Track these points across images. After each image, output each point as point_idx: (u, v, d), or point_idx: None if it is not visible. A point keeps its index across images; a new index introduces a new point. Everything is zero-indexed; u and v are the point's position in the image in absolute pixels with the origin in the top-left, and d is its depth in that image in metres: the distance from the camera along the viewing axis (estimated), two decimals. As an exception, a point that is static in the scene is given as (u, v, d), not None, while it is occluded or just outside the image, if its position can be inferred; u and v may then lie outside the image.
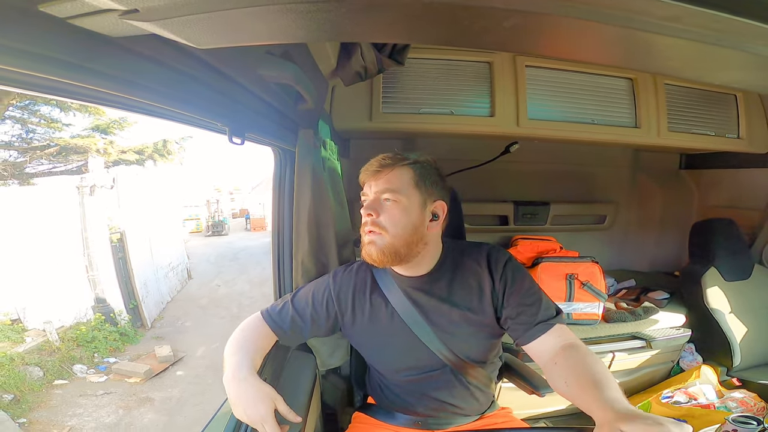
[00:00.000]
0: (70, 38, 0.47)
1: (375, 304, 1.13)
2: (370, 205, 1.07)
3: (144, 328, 6.28)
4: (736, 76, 0.69)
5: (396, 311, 1.10)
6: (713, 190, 2.54)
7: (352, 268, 1.19)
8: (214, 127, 0.88)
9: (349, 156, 2.23)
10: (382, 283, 1.13)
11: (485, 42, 0.61)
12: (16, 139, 6.18)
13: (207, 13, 0.45)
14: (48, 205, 5.53)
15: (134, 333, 6.04)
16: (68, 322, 5.44)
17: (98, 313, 5.80)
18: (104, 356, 5.27)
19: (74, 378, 4.60)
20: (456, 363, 1.11)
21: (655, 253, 2.77)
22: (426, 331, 1.09)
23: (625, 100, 1.94)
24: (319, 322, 1.14)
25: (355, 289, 1.14)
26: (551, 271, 1.96)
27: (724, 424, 1.60)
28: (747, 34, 0.45)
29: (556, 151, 2.41)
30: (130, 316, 6.19)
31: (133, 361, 5.22)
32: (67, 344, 5.14)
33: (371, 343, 1.18)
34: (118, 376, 4.86)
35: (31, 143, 6.28)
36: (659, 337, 2.01)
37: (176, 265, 9.29)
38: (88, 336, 5.40)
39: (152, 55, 0.60)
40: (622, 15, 0.44)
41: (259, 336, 1.07)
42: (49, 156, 6.46)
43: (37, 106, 6.15)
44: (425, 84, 1.78)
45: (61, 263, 5.55)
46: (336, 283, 1.16)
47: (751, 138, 2.06)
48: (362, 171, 1.12)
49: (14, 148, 5.99)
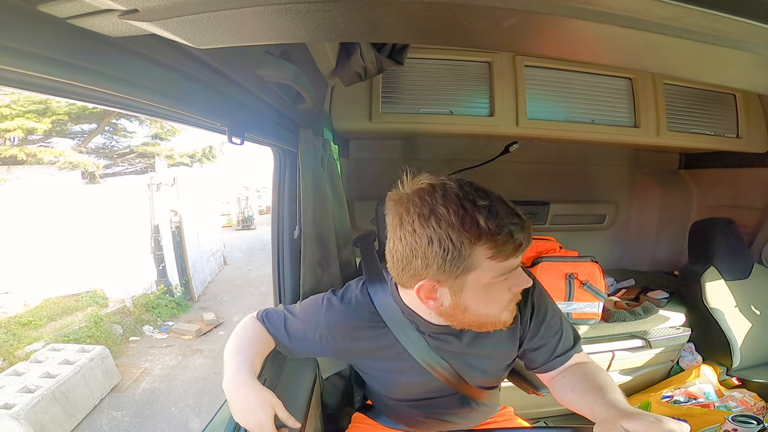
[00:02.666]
0: (69, 38, 0.47)
1: (381, 344, 1.00)
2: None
3: (192, 300, 7.96)
4: (735, 75, 0.69)
5: (407, 351, 0.98)
6: (712, 189, 2.55)
7: (350, 302, 1.03)
8: (213, 127, 0.88)
9: (348, 156, 2.23)
10: (391, 323, 0.98)
11: (485, 42, 0.61)
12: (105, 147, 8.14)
13: (206, 13, 0.45)
14: (126, 198, 7.08)
15: (185, 304, 7.69)
16: (139, 292, 7.03)
17: (161, 286, 7.45)
18: (165, 320, 6.90)
19: (144, 335, 6.30)
20: (468, 390, 1.07)
21: (655, 252, 2.78)
22: (445, 369, 1.00)
23: (625, 99, 1.94)
24: (314, 350, 1.08)
25: (355, 327, 1.01)
26: (551, 271, 1.96)
27: (724, 424, 1.61)
28: (746, 33, 0.45)
29: (556, 151, 2.42)
30: (182, 290, 7.87)
31: (186, 323, 6.95)
32: (139, 309, 6.75)
33: (374, 373, 1.11)
34: (176, 334, 6.56)
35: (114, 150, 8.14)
36: (659, 336, 2.01)
37: (215, 252, 10.95)
38: (154, 303, 7.05)
39: (151, 55, 0.60)
40: (621, 15, 0.44)
41: (258, 339, 1.01)
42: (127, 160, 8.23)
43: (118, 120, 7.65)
44: (425, 84, 1.78)
45: (135, 244, 7.08)
46: (331, 320, 1.01)
47: (750, 138, 2.07)
48: (517, 246, 0.77)
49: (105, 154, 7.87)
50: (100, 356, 4.73)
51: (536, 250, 2.17)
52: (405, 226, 0.78)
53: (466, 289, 0.80)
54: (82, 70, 0.50)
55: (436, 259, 0.75)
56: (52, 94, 0.52)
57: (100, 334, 5.65)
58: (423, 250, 0.76)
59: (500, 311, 0.85)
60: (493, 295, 0.82)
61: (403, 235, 0.78)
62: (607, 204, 2.64)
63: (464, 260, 0.75)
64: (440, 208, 0.74)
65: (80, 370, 4.31)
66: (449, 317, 0.88)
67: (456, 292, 0.81)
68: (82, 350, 4.70)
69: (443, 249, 0.74)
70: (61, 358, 4.40)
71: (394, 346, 0.99)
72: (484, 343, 0.99)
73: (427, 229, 0.74)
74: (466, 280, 0.78)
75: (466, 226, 0.73)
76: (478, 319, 0.85)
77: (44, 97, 2.84)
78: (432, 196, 0.76)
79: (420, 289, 0.81)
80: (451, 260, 0.75)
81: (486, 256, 0.75)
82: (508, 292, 0.83)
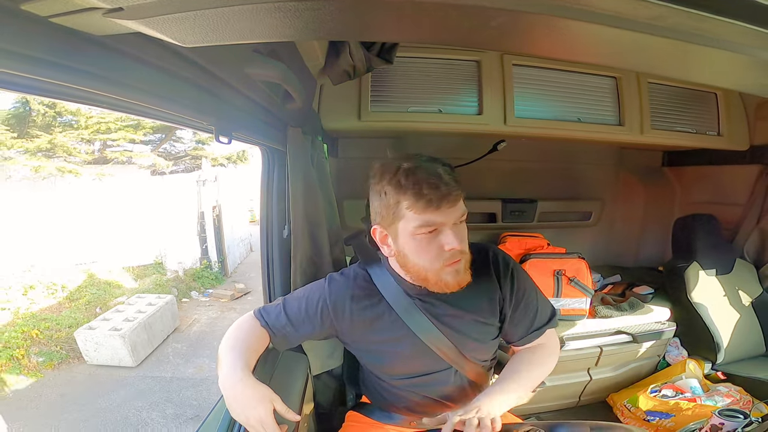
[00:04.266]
0: (53, 37, 0.46)
1: (377, 313, 1.09)
2: (459, 236, 0.96)
3: (226, 275, 9.83)
4: (718, 75, 0.70)
5: (401, 319, 1.07)
6: (695, 186, 2.59)
7: (348, 275, 1.15)
8: (200, 125, 0.87)
9: (337, 155, 2.22)
10: (385, 292, 1.09)
11: (473, 41, 0.62)
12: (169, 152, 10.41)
13: (193, 12, 0.45)
14: (181, 191, 8.90)
15: (221, 277, 9.59)
16: (188, 265, 8.95)
17: (204, 261, 9.42)
18: (206, 288, 8.83)
19: (192, 298, 8.29)
20: (462, 364, 1.11)
21: (640, 248, 2.82)
22: (437, 337, 1.07)
23: (610, 98, 1.96)
24: (314, 329, 1.11)
25: (353, 297, 1.10)
26: (539, 268, 1.98)
27: (711, 418, 1.64)
28: (729, 33, 0.46)
29: (543, 149, 2.44)
30: (219, 266, 9.74)
31: (223, 290, 8.86)
32: (188, 278, 8.74)
33: (372, 350, 1.15)
34: (215, 298, 8.50)
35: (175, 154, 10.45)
36: (645, 331, 2.05)
37: (244, 239, 12.54)
38: (199, 275, 9.01)
39: (137, 54, 0.59)
40: (607, 14, 0.44)
41: (252, 336, 1.04)
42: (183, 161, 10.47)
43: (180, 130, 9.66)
44: (414, 82, 1.78)
45: (186, 227, 9.00)
46: (332, 290, 1.11)
47: (732, 135, 2.11)
48: (423, 200, 0.91)
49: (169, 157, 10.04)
50: (169, 303, 6.72)
51: (524, 247, 2.19)
52: (371, 186, 1.02)
53: (399, 236, 0.98)
54: (66, 70, 0.49)
55: (380, 207, 0.99)
56: (36, 94, 0.51)
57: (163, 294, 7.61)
58: (375, 202, 1.00)
59: (437, 266, 0.97)
60: (423, 246, 0.97)
61: (370, 193, 1.03)
62: (593, 201, 2.67)
63: (392, 209, 0.96)
64: (387, 172, 0.96)
65: (158, 311, 6.29)
66: (403, 267, 1.04)
67: (395, 239, 1.00)
68: (159, 297, 6.79)
69: (381, 199, 0.98)
70: (146, 302, 6.47)
71: (389, 314, 1.09)
72: (465, 305, 1.09)
73: (377, 186, 0.99)
74: (398, 228, 0.97)
75: (393, 181, 0.94)
76: (418, 271, 1.01)
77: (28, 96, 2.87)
78: (389, 164, 0.98)
79: (374, 233, 1.04)
80: (385, 207, 0.97)
81: (405, 206, 0.93)
82: (440, 249, 0.96)
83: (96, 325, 5.62)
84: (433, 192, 0.91)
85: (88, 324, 5.67)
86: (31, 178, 7.15)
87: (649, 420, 1.83)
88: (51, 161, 7.44)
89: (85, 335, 5.43)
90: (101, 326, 5.55)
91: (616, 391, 2.13)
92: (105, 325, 5.57)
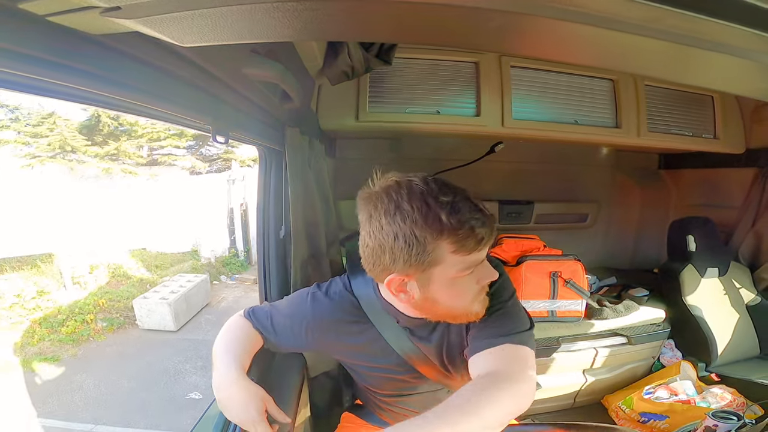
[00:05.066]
0: (50, 36, 0.46)
1: (366, 339, 1.03)
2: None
3: (251, 264, 10.27)
4: (714, 77, 0.71)
5: (391, 347, 1.02)
6: (691, 189, 2.60)
7: (334, 298, 1.04)
8: (197, 125, 0.87)
9: (335, 155, 2.22)
10: (373, 317, 1.01)
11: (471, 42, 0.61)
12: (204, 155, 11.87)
13: (190, 11, 0.45)
14: (214, 189, 9.92)
15: (246, 265, 10.21)
16: (218, 253, 9.93)
17: (232, 250, 10.29)
18: (233, 273, 9.62)
19: (221, 281, 9.18)
20: (453, 384, 1.08)
21: (636, 250, 2.83)
22: (429, 364, 1.03)
23: (607, 100, 1.97)
24: (301, 346, 1.09)
25: (340, 321, 1.03)
26: (535, 270, 1.98)
27: (705, 420, 1.65)
28: (724, 36, 0.46)
29: (540, 151, 2.45)
30: (245, 255, 10.43)
31: (247, 275, 9.60)
32: (218, 264, 9.67)
33: (361, 372, 1.12)
34: (240, 281, 9.36)
35: (209, 156, 11.90)
36: (640, 333, 2.05)
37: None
38: (227, 262, 9.92)
39: (134, 53, 0.59)
40: (603, 17, 0.44)
41: (246, 337, 1.01)
42: (215, 163, 11.79)
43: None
44: (412, 83, 1.78)
45: (217, 220, 9.95)
46: (316, 314, 1.03)
47: (728, 138, 2.12)
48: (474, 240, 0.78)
49: (203, 160, 11.59)
50: (204, 281, 7.91)
51: (521, 249, 2.19)
52: (373, 222, 0.80)
53: (433, 282, 0.82)
54: (63, 69, 0.49)
55: (402, 254, 0.78)
56: (33, 93, 0.50)
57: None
58: (390, 246, 0.78)
59: (470, 303, 0.86)
60: (461, 289, 0.84)
61: (371, 231, 0.81)
62: (589, 203, 2.68)
63: (428, 255, 0.78)
64: (405, 205, 0.76)
65: (195, 287, 7.47)
66: (423, 310, 0.90)
67: (424, 286, 0.83)
68: (196, 276, 7.99)
69: (408, 244, 0.77)
70: (186, 280, 7.68)
71: (377, 341, 1.01)
72: (452, 331, 0.99)
73: (393, 226, 0.77)
74: (432, 274, 0.81)
75: (429, 221, 0.75)
76: (449, 311, 0.88)
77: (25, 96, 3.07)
78: (398, 193, 0.78)
79: (390, 282, 0.84)
80: (416, 255, 0.77)
81: (449, 250, 0.78)
82: (476, 285, 0.84)
83: (149, 295, 6.97)
84: (483, 229, 0.78)
85: (143, 294, 7.14)
86: (99, 176, 9.49)
87: (644, 421, 1.84)
88: (116, 164, 9.88)
89: (141, 303, 6.81)
90: (152, 296, 6.88)
91: (611, 393, 2.14)
92: (155, 296, 6.89)
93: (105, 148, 9.61)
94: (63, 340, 6.19)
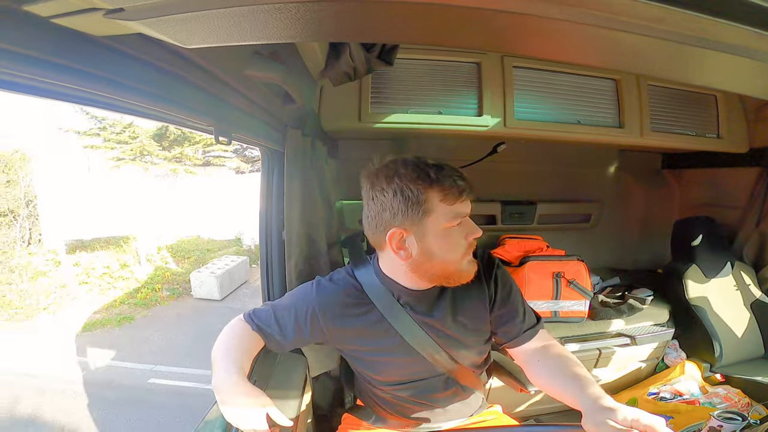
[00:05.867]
0: (54, 38, 0.46)
1: (368, 321, 1.06)
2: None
3: None
4: (716, 77, 0.70)
5: (393, 328, 1.05)
6: (694, 188, 2.59)
7: (338, 281, 1.11)
8: (200, 126, 0.87)
9: (337, 156, 2.22)
10: (376, 300, 1.06)
11: (474, 42, 0.62)
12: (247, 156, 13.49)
13: (194, 13, 0.45)
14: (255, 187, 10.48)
15: None
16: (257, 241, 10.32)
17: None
18: None
19: (257, 265, 11.15)
20: (454, 370, 1.11)
21: (639, 251, 2.82)
22: (429, 345, 1.06)
23: (610, 100, 1.96)
24: (305, 338, 1.09)
25: (343, 304, 1.07)
26: (538, 270, 1.98)
27: (710, 420, 1.64)
28: (727, 35, 0.46)
29: (543, 151, 2.44)
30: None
31: None
32: (256, 250, 10.41)
33: (363, 357, 1.13)
34: None
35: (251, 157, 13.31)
36: (644, 334, 2.05)
37: None
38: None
39: (137, 55, 0.59)
40: (606, 17, 0.44)
41: (246, 340, 1.03)
42: (257, 163, 12.75)
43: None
44: (414, 84, 1.78)
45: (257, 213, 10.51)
46: (320, 298, 1.07)
47: (731, 137, 2.11)
48: (456, 190, 0.93)
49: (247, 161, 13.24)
50: (244, 262, 9.37)
51: (523, 249, 2.19)
52: (375, 187, 0.95)
53: (427, 234, 0.93)
54: (67, 70, 0.49)
55: (400, 207, 0.92)
56: (37, 95, 0.50)
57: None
58: (389, 203, 0.93)
59: (460, 258, 0.96)
60: (452, 241, 0.95)
61: (374, 195, 0.96)
62: (592, 204, 2.67)
63: (422, 205, 0.91)
64: (401, 169, 0.93)
65: (237, 266, 8.95)
66: (420, 268, 0.98)
67: (420, 239, 0.94)
68: (238, 257, 9.46)
69: (405, 197, 0.91)
70: (230, 259, 9.17)
71: (380, 323, 1.06)
72: (457, 310, 1.07)
73: (392, 185, 0.92)
74: (426, 225, 0.93)
75: (421, 177, 0.91)
76: (444, 268, 0.97)
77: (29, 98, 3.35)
78: (395, 163, 0.95)
79: (391, 238, 0.94)
80: (412, 206, 0.91)
81: (438, 199, 0.91)
82: (464, 240, 0.96)
83: (202, 270, 8.57)
84: (463, 182, 0.93)
85: (197, 269, 8.82)
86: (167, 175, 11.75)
87: (648, 422, 1.83)
88: (179, 165, 12.08)
89: (196, 275, 8.45)
90: (204, 271, 8.44)
91: (614, 393, 2.13)
92: (206, 270, 8.47)
93: (171, 152, 11.92)
94: (137, 304, 8.19)
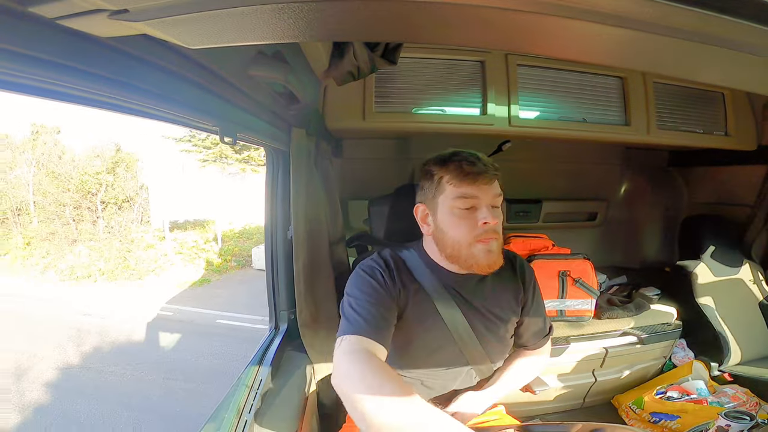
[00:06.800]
0: (59, 39, 0.47)
1: (419, 301, 1.05)
2: (493, 215, 1.00)
3: None
4: (723, 74, 0.70)
5: (436, 307, 1.05)
6: (702, 186, 2.57)
7: (386, 257, 1.09)
8: (205, 127, 0.88)
9: (341, 156, 2.22)
10: (420, 277, 1.07)
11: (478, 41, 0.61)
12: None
13: (198, 13, 0.45)
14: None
15: None
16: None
17: None
18: None
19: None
20: (478, 362, 1.10)
21: (646, 249, 2.80)
22: (465, 330, 1.07)
23: (616, 98, 1.95)
24: (388, 306, 0.99)
25: (404, 284, 1.05)
26: (544, 269, 1.97)
27: (717, 420, 1.63)
28: (734, 32, 0.46)
29: (548, 150, 2.43)
30: None
31: None
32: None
33: (404, 340, 1.05)
34: None
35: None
36: (651, 333, 2.03)
37: None
38: None
39: (142, 56, 0.59)
40: (612, 14, 0.44)
41: (375, 358, 0.84)
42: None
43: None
44: (418, 83, 1.78)
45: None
46: (391, 277, 1.04)
47: (739, 135, 2.09)
48: (462, 173, 0.99)
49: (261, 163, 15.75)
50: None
51: (529, 248, 2.18)
52: (423, 170, 1.10)
53: (439, 210, 1.03)
54: (72, 72, 0.49)
55: (423, 184, 1.08)
56: (42, 96, 0.50)
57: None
58: (420, 181, 1.10)
59: (471, 240, 0.99)
60: (460, 221, 1.00)
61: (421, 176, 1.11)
62: (598, 202, 2.66)
63: (435, 183, 1.03)
64: (436, 157, 1.07)
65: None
66: (440, 245, 1.06)
67: (434, 214, 1.05)
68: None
69: (427, 176, 1.07)
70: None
71: (424, 301, 1.07)
72: (494, 300, 1.12)
73: (425, 168, 1.08)
74: (438, 203, 1.03)
75: (439, 160, 1.05)
76: (454, 247, 1.02)
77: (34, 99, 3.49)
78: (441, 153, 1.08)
79: (416, 210, 1.10)
80: (429, 184, 1.05)
81: (446, 180, 1.01)
82: (475, 224, 0.99)
83: (261, 247, 10.13)
84: (471, 167, 0.99)
85: (257, 246, 11.93)
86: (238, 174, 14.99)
87: (655, 421, 1.82)
88: (247, 165, 15.16)
89: (255, 251, 11.69)
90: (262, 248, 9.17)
91: (621, 393, 2.12)
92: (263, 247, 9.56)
93: (242, 154, 14.75)
94: (213, 270, 11.90)
